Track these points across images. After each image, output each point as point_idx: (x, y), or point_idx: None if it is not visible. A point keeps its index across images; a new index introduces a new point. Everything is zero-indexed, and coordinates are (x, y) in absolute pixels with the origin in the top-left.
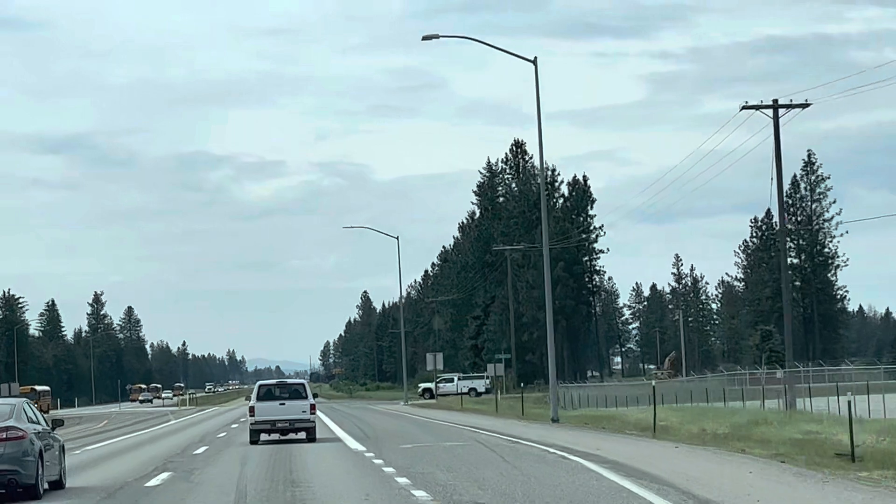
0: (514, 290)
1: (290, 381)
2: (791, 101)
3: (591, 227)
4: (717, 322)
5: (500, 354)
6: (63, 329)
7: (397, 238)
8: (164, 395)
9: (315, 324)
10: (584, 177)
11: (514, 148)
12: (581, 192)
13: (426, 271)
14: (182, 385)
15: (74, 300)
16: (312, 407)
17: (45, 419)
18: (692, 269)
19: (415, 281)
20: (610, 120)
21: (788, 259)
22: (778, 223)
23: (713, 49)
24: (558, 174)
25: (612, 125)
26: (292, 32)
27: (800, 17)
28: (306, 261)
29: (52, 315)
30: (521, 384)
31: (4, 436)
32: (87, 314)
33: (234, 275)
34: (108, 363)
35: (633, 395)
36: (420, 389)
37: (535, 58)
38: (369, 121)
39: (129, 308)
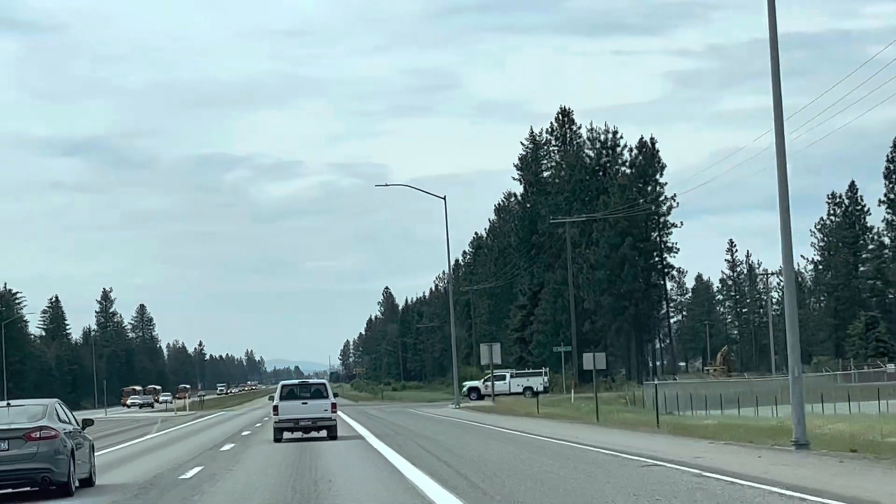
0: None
1: (311, 381)
2: None
3: (662, 197)
4: (778, 312)
5: (558, 347)
6: (68, 327)
7: (444, 198)
8: (161, 398)
9: (334, 324)
10: (652, 139)
11: (561, 116)
12: (648, 157)
13: (457, 261)
14: (187, 386)
15: (90, 303)
16: (334, 406)
17: (75, 419)
18: (748, 256)
19: (442, 273)
20: (629, 118)
21: (885, 237)
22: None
23: (732, 46)
24: (620, 137)
25: (631, 123)
26: (309, 34)
27: (817, 12)
28: (324, 261)
29: (55, 313)
30: (581, 382)
31: (38, 435)
32: (96, 312)
33: (253, 276)
34: (118, 363)
35: (734, 393)
36: (465, 389)
37: None
38: (387, 121)
39: (142, 306)
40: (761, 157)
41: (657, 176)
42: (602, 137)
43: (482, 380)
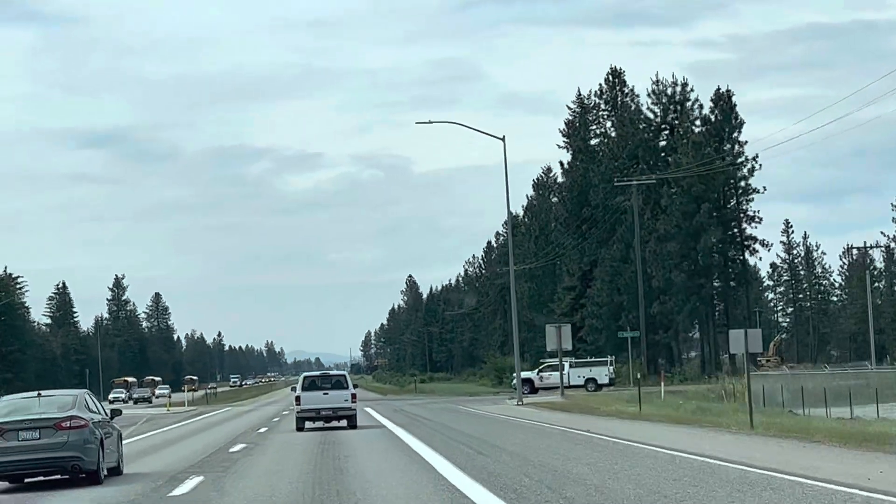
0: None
1: (332, 372)
2: None
3: (742, 158)
4: (839, 300)
5: (624, 332)
6: (76, 315)
7: (503, 138)
8: (159, 391)
9: (355, 315)
10: (728, 91)
11: (610, 78)
12: (726, 111)
13: (489, 242)
14: (195, 378)
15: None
16: (353, 396)
17: (104, 409)
18: (805, 237)
19: (473, 256)
20: None
21: None
22: None
23: (753, 37)
24: (691, 90)
25: None
26: (330, 25)
27: (840, 3)
28: (346, 253)
29: (62, 300)
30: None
31: (68, 424)
32: (108, 300)
33: (274, 267)
34: (131, 353)
35: (845, 386)
36: (513, 381)
37: None
38: (408, 113)
39: (157, 295)
40: (782, 149)
41: (735, 134)
42: (669, 91)
43: (536, 370)
